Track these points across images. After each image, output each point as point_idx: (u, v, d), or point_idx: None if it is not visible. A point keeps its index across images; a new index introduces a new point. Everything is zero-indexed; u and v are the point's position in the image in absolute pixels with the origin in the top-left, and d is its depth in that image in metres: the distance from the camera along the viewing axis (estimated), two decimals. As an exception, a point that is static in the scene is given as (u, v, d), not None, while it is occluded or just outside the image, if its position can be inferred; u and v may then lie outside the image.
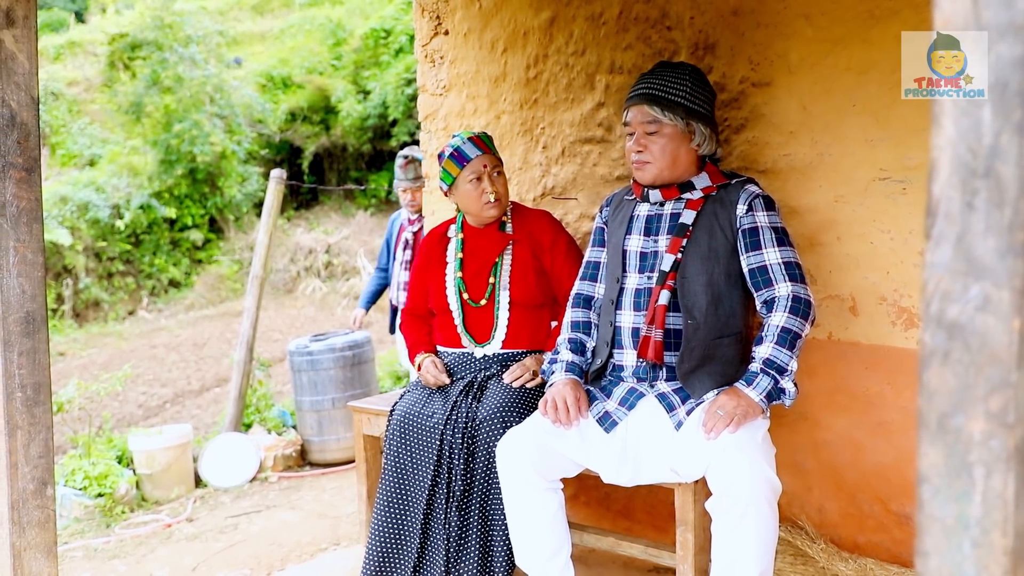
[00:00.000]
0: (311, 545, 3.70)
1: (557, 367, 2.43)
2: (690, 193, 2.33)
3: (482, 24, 3.44)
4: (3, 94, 1.85)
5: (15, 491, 1.91)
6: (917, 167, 2.42)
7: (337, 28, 14.73)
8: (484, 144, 2.73)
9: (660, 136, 2.29)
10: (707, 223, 2.29)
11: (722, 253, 2.27)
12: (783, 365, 2.15)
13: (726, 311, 2.27)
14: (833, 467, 2.67)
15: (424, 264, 2.90)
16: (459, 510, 2.47)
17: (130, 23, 13.75)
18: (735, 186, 2.33)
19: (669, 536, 2.49)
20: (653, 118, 2.29)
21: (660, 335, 2.25)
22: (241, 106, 12.88)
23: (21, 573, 1.91)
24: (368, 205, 13.24)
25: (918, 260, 2.46)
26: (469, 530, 2.47)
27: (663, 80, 2.31)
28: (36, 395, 1.92)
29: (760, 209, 2.28)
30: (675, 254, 2.28)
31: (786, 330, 2.16)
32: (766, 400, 2.14)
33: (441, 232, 2.92)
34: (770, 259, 2.24)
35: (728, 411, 2.11)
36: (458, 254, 2.80)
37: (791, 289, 2.20)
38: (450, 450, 2.49)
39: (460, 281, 2.76)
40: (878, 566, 2.53)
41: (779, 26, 2.64)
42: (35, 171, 1.92)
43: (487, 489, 2.47)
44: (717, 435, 2.09)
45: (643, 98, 2.31)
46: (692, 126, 2.30)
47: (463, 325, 2.75)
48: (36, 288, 1.92)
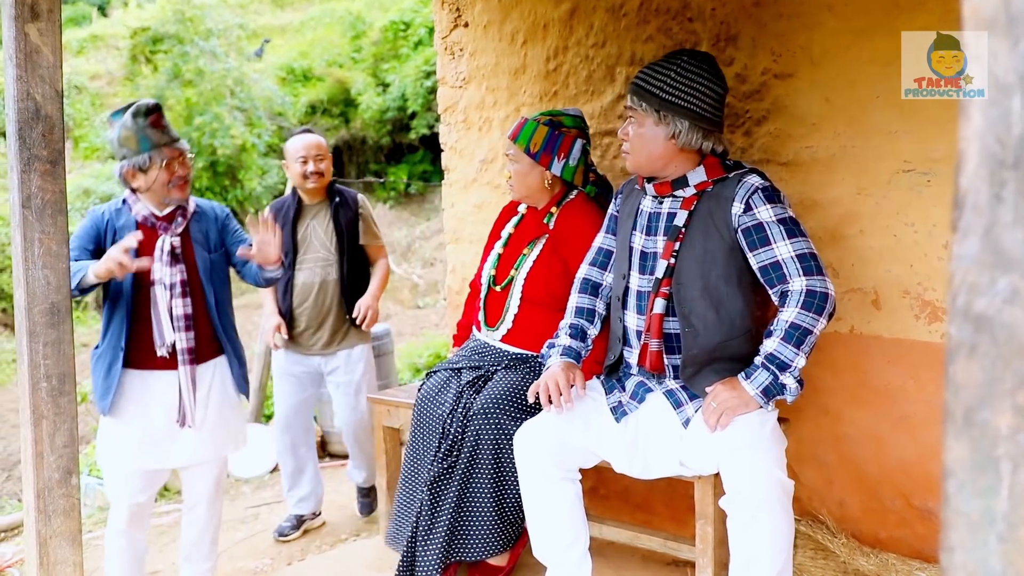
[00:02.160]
0: (331, 536, 3.72)
1: (554, 351, 2.41)
2: (683, 190, 2.23)
3: (502, 16, 3.43)
4: (28, 87, 1.87)
5: (41, 480, 1.94)
6: (942, 159, 2.40)
7: (357, 21, 14.77)
8: (518, 131, 2.71)
9: (639, 126, 2.23)
10: (701, 224, 2.19)
11: (719, 254, 2.17)
12: (786, 361, 2.07)
13: (728, 314, 2.18)
14: (855, 461, 2.65)
15: (492, 233, 2.95)
16: (431, 491, 2.51)
17: (152, 17, 13.86)
18: (732, 180, 2.20)
19: (688, 530, 2.49)
20: (631, 107, 2.24)
21: (657, 345, 2.20)
22: (261, 99, 12.96)
23: (47, 561, 1.94)
24: (387, 198, 13.27)
25: (942, 253, 2.44)
26: (440, 512, 2.50)
27: (652, 70, 2.23)
28: (61, 385, 1.95)
29: (760, 204, 2.14)
30: (668, 259, 2.20)
31: (795, 326, 2.08)
32: (763, 395, 2.08)
33: (515, 204, 2.94)
34: (781, 253, 2.12)
35: (721, 403, 2.08)
36: (511, 230, 2.83)
37: (806, 283, 2.10)
38: (447, 437, 2.53)
39: (497, 258, 2.79)
40: (900, 561, 2.51)
41: (802, 17, 2.61)
42: (59, 163, 1.94)
43: (468, 476, 2.49)
44: (712, 428, 2.08)
45: (630, 87, 2.27)
46: (667, 118, 2.18)
47: (484, 303, 2.77)
48: (61, 279, 1.95)
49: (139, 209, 2.67)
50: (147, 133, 2.63)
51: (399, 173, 13.29)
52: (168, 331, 2.65)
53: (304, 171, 3.52)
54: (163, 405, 2.66)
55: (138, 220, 2.67)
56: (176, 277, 2.66)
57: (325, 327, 3.59)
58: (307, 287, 3.55)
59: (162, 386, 2.66)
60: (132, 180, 2.67)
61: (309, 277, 3.54)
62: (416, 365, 6.90)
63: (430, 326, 9.34)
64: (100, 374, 2.64)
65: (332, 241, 3.56)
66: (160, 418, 2.66)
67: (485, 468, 2.47)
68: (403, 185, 13.11)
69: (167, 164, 2.64)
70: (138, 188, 2.67)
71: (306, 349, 3.61)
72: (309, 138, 3.60)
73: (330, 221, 3.57)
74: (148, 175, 2.64)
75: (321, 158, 3.55)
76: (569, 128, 2.69)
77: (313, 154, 3.54)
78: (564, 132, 2.67)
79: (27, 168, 1.89)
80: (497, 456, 2.46)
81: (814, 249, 2.15)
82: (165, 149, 2.65)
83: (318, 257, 3.55)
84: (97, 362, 2.66)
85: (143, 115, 2.63)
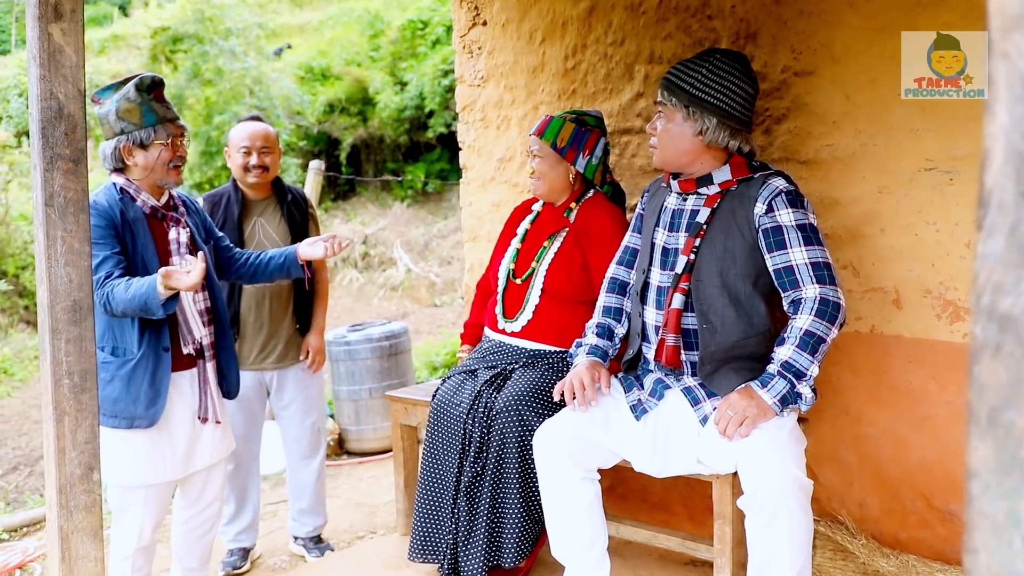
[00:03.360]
0: (348, 533, 3.74)
1: (581, 351, 2.42)
2: (707, 188, 2.24)
3: (520, 14, 3.43)
4: (51, 86, 1.89)
5: (63, 476, 1.95)
6: (964, 157, 2.37)
7: (375, 20, 14.80)
8: (544, 126, 2.73)
9: (668, 121, 2.25)
10: (723, 221, 2.20)
11: (739, 253, 2.17)
12: (802, 369, 2.06)
13: (747, 312, 2.17)
14: (875, 462, 2.63)
15: (504, 233, 2.96)
16: (468, 497, 2.50)
17: (172, 16, 13.96)
18: (757, 181, 2.20)
19: (706, 529, 2.48)
20: (662, 102, 2.26)
21: (674, 340, 2.20)
22: (280, 98, 13.01)
23: (68, 555, 1.96)
24: (405, 196, 13.29)
25: (964, 252, 2.41)
26: (478, 518, 2.50)
27: (684, 66, 2.26)
28: (83, 382, 1.96)
29: (783, 207, 2.14)
30: (688, 255, 2.21)
31: (809, 333, 2.07)
32: (780, 404, 2.07)
33: (528, 204, 2.96)
34: (796, 259, 2.12)
35: (739, 412, 2.07)
36: (527, 226, 2.85)
37: (819, 291, 2.09)
38: (470, 439, 2.52)
39: (516, 253, 2.80)
40: (920, 563, 2.49)
41: (823, 14, 2.59)
42: (82, 162, 1.95)
43: (499, 477, 2.49)
44: (730, 437, 2.06)
45: (661, 82, 2.29)
46: (696, 114, 2.19)
47: (502, 296, 2.77)
48: (83, 277, 1.96)
49: (144, 199, 2.50)
50: (152, 106, 2.45)
51: (416, 172, 13.31)
52: (197, 327, 2.54)
53: (246, 163, 3.17)
54: (188, 406, 2.55)
55: (146, 212, 2.50)
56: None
57: (279, 339, 3.21)
58: (257, 292, 3.16)
59: (187, 386, 2.55)
60: (129, 157, 2.47)
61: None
62: (433, 363, 6.91)
63: (447, 324, 9.36)
64: (140, 381, 2.43)
65: (287, 242, 3.17)
66: (188, 420, 2.55)
67: (513, 465, 2.47)
68: (420, 184, 13.13)
69: (172, 140, 2.48)
70: (133, 167, 2.49)
71: (253, 364, 3.20)
72: (255, 127, 3.22)
73: (282, 220, 3.23)
74: (149, 152, 2.46)
75: (268, 151, 3.20)
76: (592, 127, 2.73)
77: (258, 145, 3.18)
78: (589, 130, 2.72)
79: (50, 167, 1.90)
80: (523, 453, 2.46)
81: (829, 259, 2.15)
82: (170, 125, 2.48)
83: None
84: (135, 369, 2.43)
85: (147, 89, 2.45)
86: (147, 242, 2.49)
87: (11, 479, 5.67)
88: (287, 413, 3.31)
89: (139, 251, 2.48)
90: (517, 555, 2.47)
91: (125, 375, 2.43)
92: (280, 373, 3.25)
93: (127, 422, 2.44)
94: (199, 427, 2.58)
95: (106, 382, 2.43)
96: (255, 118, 3.32)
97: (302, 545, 3.45)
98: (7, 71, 14.21)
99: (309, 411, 3.33)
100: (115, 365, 2.45)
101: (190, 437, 2.56)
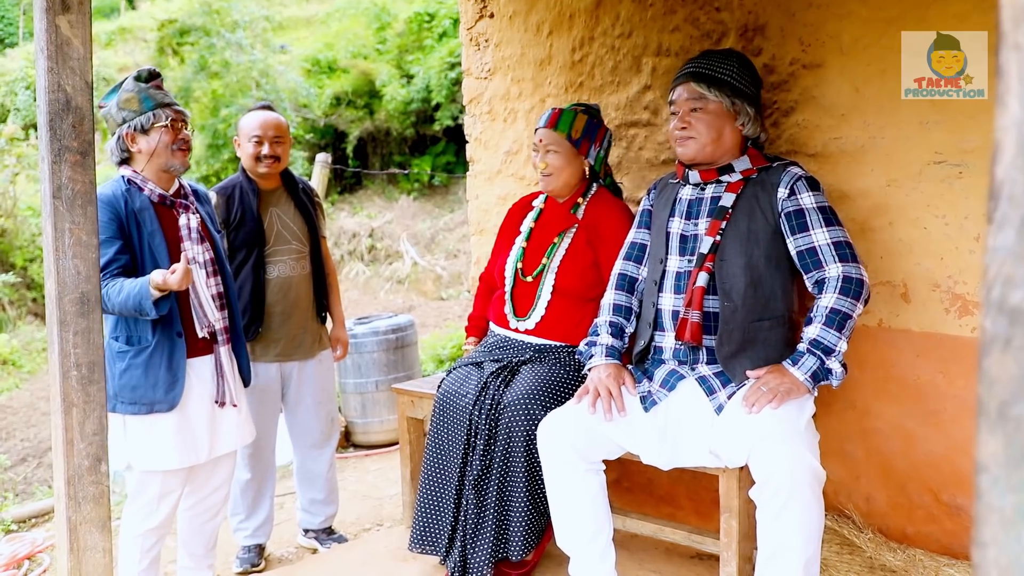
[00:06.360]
0: (355, 525, 3.75)
1: (597, 351, 2.42)
2: (729, 176, 2.33)
3: (527, 6, 3.42)
4: (59, 79, 1.89)
5: (71, 467, 1.96)
6: (974, 150, 2.36)
7: (382, 12, 14.79)
8: (555, 118, 2.70)
9: (705, 113, 2.30)
10: (747, 205, 2.28)
11: (762, 235, 2.25)
12: (830, 346, 2.13)
13: (765, 293, 2.25)
14: (882, 456, 2.63)
15: (505, 230, 2.94)
16: (476, 490, 2.50)
17: (179, 9, 13.98)
18: (776, 168, 2.31)
19: (713, 523, 2.48)
20: (699, 95, 2.30)
21: (698, 316, 2.24)
22: (287, 91, 13.02)
23: (77, 546, 1.97)
24: (411, 189, 13.30)
25: (974, 246, 2.40)
26: (485, 511, 2.50)
27: (710, 60, 2.34)
28: (91, 374, 1.97)
29: (804, 191, 2.25)
30: (714, 236, 2.27)
31: (835, 311, 2.14)
32: (811, 380, 2.13)
33: (527, 201, 2.95)
34: (819, 240, 2.21)
35: (772, 387, 2.11)
36: (531, 224, 2.82)
37: (842, 269, 2.18)
38: (476, 431, 2.52)
39: (522, 251, 2.78)
40: (927, 557, 2.48)
41: (831, 6, 2.58)
42: (89, 154, 1.95)
43: (505, 471, 2.49)
44: (759, 410, 2.08)
45: (690, 76, 2.33)
46: (738, 105, 2.30)
47: (511, 294, 2.76)
48: (91, 269, 1.97)
49: (151, 188, 2.55)
50: (150, 93, 2.54)
51: (423, 165, 13.31)
52: (211, 311, 2.57)
53: (257, 153, 3.13)
54: (207, 392, 2.59)
55: (153, 200, 2.55)
56: (207, 255, 2.60)
57: (305, 329, 3.22)
58: (283, 284, 3.15)
59: (204, 371, 2.59)
60: (133, 144, 2.55)
61: (283, 271, 3.15)
62: (439, 356, 6.92)
63: (453, 317, 9.37)
64: (158, 367, 2.48)
65: (304, 232, 3.22)
66: (207, 406, 2.59)
67: (519, 460, 2.47)
68: (427, 176, 13.13)
69: (171, 123, 2.54)
70: (138, 154, 2.56)
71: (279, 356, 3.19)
72: (267, 116, 3.18)
73: (296, 210, 3.22)
74: (150, 137, 2.54)
75: (280, 141, 3.17)
76: (599, 119, 2.74)
77: (271, 135, 3.14)
78: (598, 122, 2.72)
79: (57, 159, 1.91)
80: (529, 448, 2.46)
81: (849, 238, 2.24)
82: (168, 109, 2.55)
83: (291, 249, 3.18)
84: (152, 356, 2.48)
85: (144, 79, 2.56)
86: (155, 230, 2.54)
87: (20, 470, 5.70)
88: (303, 403, 3.29)
89: (146, 239, 2.53)
90: (524, 548, 2.47)
91: (142, 362, 2.48)
92: (302, 364, 3.25)
93: (147, 408, 2.49)
94: (219, 412, 2.63)
95: (124, 371, 2.49)
96: (266, 107, 3.29)
97: (313, 538, 3.45)
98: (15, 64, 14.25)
99: (324, 401, 3.35)
100: (131, 353, 2.50)
101: (210, 422, 2.60)
